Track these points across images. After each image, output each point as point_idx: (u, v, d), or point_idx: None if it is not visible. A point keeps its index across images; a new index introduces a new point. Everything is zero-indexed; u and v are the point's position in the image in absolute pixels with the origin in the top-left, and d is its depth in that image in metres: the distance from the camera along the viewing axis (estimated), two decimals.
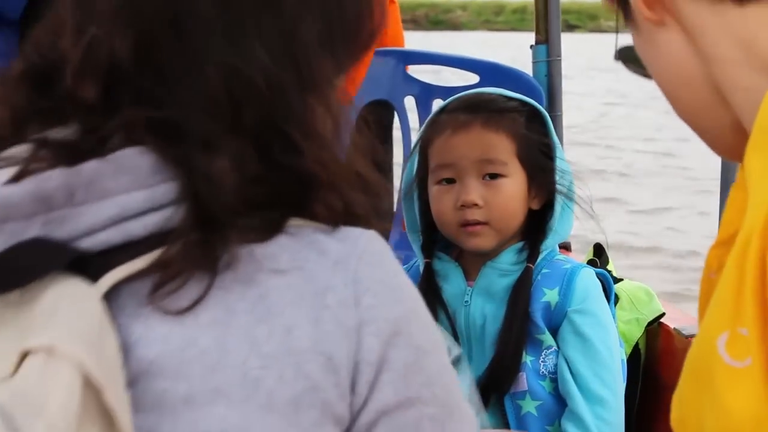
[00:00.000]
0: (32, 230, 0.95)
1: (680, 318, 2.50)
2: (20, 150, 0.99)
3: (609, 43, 1.18)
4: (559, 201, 1.98)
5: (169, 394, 0.94)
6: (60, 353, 0.87)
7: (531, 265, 1.96)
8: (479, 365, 1.96)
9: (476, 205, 1.94)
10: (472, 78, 3.35)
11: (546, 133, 1.99)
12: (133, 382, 0.93)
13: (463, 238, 1.96)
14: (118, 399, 0.89)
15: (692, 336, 2.36)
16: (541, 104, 2.49)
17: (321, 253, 1.01)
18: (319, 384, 0.97)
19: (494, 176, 1.95)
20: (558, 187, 1.96)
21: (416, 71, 3.57)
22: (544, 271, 1.97)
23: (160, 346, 0.94)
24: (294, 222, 1.01)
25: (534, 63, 3.40)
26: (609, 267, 2.62)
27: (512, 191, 1.95)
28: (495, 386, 1.93)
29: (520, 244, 1.99)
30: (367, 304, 1.00)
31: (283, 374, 0.96)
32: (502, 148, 1.94)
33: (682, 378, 0.99)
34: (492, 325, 1.96)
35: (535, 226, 1.99)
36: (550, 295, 1.94)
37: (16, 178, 0.96)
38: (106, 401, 0.88)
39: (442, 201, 1.98)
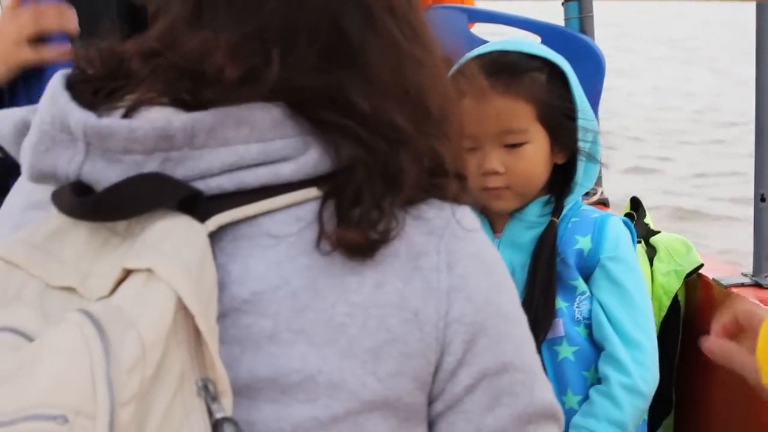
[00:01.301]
0: (151, 165, 1.00)
1: (719, 268, 2.50)
2: (148, 95, 1.03)
3: None
4: (581, 158, 1.99)
5: (254, 328, 0.99)
6: (159, 275, 0.92)
7: (555, 219, 1.98)
8: None
9: (498, 172, 1.96)
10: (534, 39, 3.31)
11: (568, 90, 1.99)
12: (222, 316, 0.98)
13: (487, 200, 1.99)
14: (209, 327, 0.93)
15: (731, 286, 2.36)
16: (601, 72, 2.48)
17: (418, 218, 1.06)
18: (401, 337, 1.02)
19: (515, 144, 1.97)
20: (580, 144, 1.97)
21: (479, 31, 3.55)
22: (573, 219, 2.00)
23: (254, 285, 1.00)
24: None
25: (566, 19, 3.39)
26: (646, 220, 2.62)
27: (534, 156, 1.97)
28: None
29: (545, 197, 2.02)
30: (459, 272, 1.05)
31: (367, 324, 1.01)
32: (522, 115, 1.95)
33: None
34: (521, 276, 1.99)
35: (560, 179, 2.01)
36: (582, 243, 1.97)
37: (130, 111, 1.01)
38: (198, 326, 0.92)
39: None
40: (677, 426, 2.52)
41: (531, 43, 2.04)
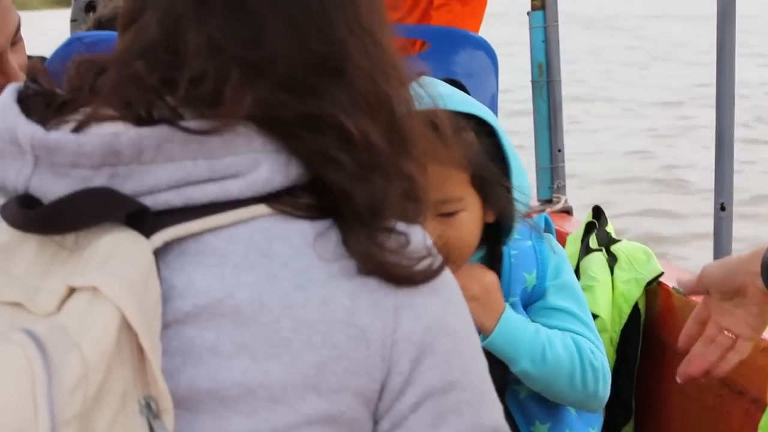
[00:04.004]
0: (99, 179, 1.00)
1: (680, 277, 2.50)
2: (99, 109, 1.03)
3: None
4: (517, 216, 1.87)
5: (197, 341, 0.99)
6: (104, 293, 0.91)
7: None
8: None
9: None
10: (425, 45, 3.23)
11: (498, 146, 1.85)
12: (165, 327, 0.98)
13: None
14: (152, 345, 0.93)
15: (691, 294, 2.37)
16: (493, 64, 2.39)
17: None
18: (346, 354, 1.01)
19: (450, 213, 1.83)
20: (516, 204, 1.85)
21: None
22: (513, 252, 1.92)
23: (197, 299, 0.99)
24: None
25: (531, 29, 3.41)
26: (608, 228, 2.63)
27: (470, 224, 1.84)
28: None
29: (478, 255, 1.92)
30: (407, 290, 1.04)
31: (312, 339, 1.00)
32: (455, 182, 1.81)
33: None
34: None
35: (490, 235, 1.90)
36: (529, 279, 1.92)
37: (81, 126, 1.01)
38: (141, 345, 0.92)
39: None
40: None
41: (452, 95, 1.87)
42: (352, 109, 1.05)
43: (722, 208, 2.41)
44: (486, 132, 1.84)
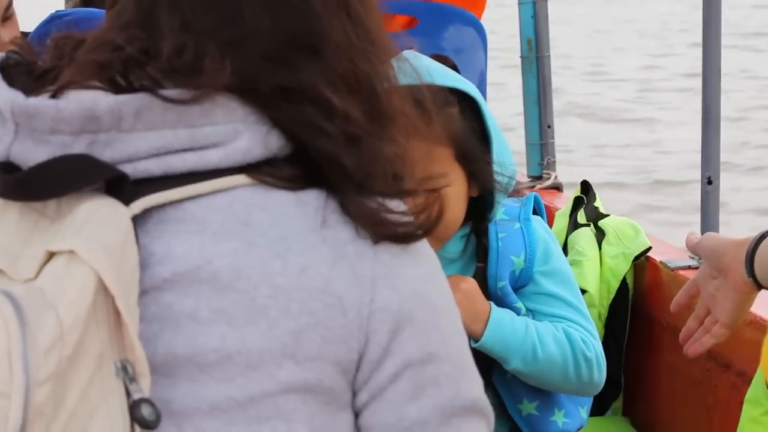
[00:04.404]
0: (78, 146, 1.00)
1: (667, 251, 2.51)
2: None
3: None
4: (499, 191, 1.86)
5: (175, 307, 1.00)
6: (81, 256, 0.93)
7: (482, 265, 1.90)
8: None
9: None
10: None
11: (481, 119, 1.85)
12: (143, 294, 0.98)
13: None
14: (128, 308, 0.94)
15: (678, 268, 2.38)
16: (482, 40, 2.35)
17: None
18: (323, 322, 1.02)
19: (435, 189, 1.83)
20: (497, 177, 1.84)
21: None
22: (501, 235, 1.91)
23: (176, 265, 1.00)
24: None
25: (520, 4, 3.40)
26: (596, 203, 2.64)
27: (455, 200, 1.83)
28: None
29: (464, 230, 1.91)
30: (385, 260, 1.05)
31: (289, 306, 1.01)
32: (439, 158, 1.79)
33: None
34: None
35: (473, 209, 1.88)
36: (517, 263, 1.92)
37: (59, 91, 1.01)
38: (117, 307, 0.93)
39: None
40: (626, 408, 2.54)
41: (438, 70, 1.87)
42: (330, 85, 1.05)
43: (709, 181, 2.42)
44: (470, 107, 1.84)
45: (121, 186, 0.99)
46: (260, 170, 1.04)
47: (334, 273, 1.03)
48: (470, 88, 1.86)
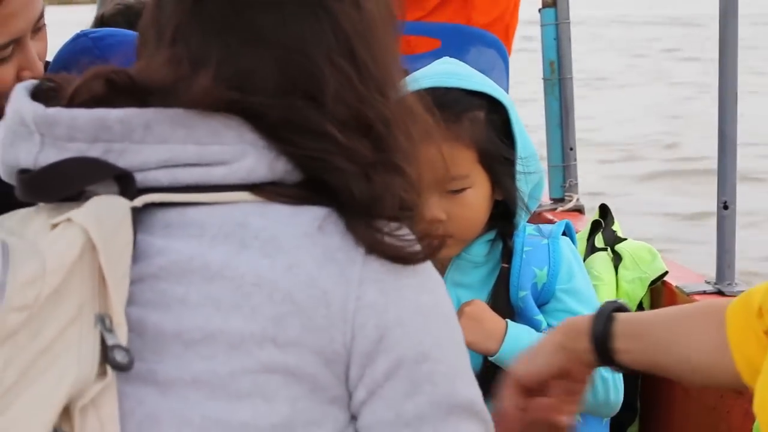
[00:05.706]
0: (93, 154, 1.09)
1: (683, 276, 2.49)
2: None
3: None
4: (521, 194, 1.90)
5: (168, 293, 1.09)
6: (75, 221, 1.04)
7: (506, 265, 1.92)
8: None
9: (440, 220, 1.86)
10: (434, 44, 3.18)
11: (508, 123, 1.89)
12: (137, 280, 1.08)
13: None
14: (112, 269, 1.04)
15: (694, 293, 2.36)
16: (503, 61, 2.38)
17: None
18: (305, 311, 1.08)
19: (457, 190, 1.86)
20: (520, 185, 1.89)
21: None
22: (526, 249, 1.93)
23: (172, 256, 1.09)
24: None
25: (542, 26, 3.39)
26: (614, 227, 2.62)
27: (476, 202, 1.88)
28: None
29: (490, 235, 1.94)
30: (375, 267, 1.11)
31: (273, 295, 1.08)
32: (462, 159, 1.84)
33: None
34: None
35: (500, 213, 1.92)
36: (540, 276, 1.92)
37: (72, 99, 1.11)
38: (100, 262, 1.03)
39: None
40: None
41: (469, 75, 1.92)
42: (336, 125, 1.11)
43: (725, 206, 2.39)
44: (498, 111, 1.89)
45: (128, 188, 1.08)
46: (264, 189, 1.11)
47: (323, 272, 1.09)
48: (498, 92, 1.90)
